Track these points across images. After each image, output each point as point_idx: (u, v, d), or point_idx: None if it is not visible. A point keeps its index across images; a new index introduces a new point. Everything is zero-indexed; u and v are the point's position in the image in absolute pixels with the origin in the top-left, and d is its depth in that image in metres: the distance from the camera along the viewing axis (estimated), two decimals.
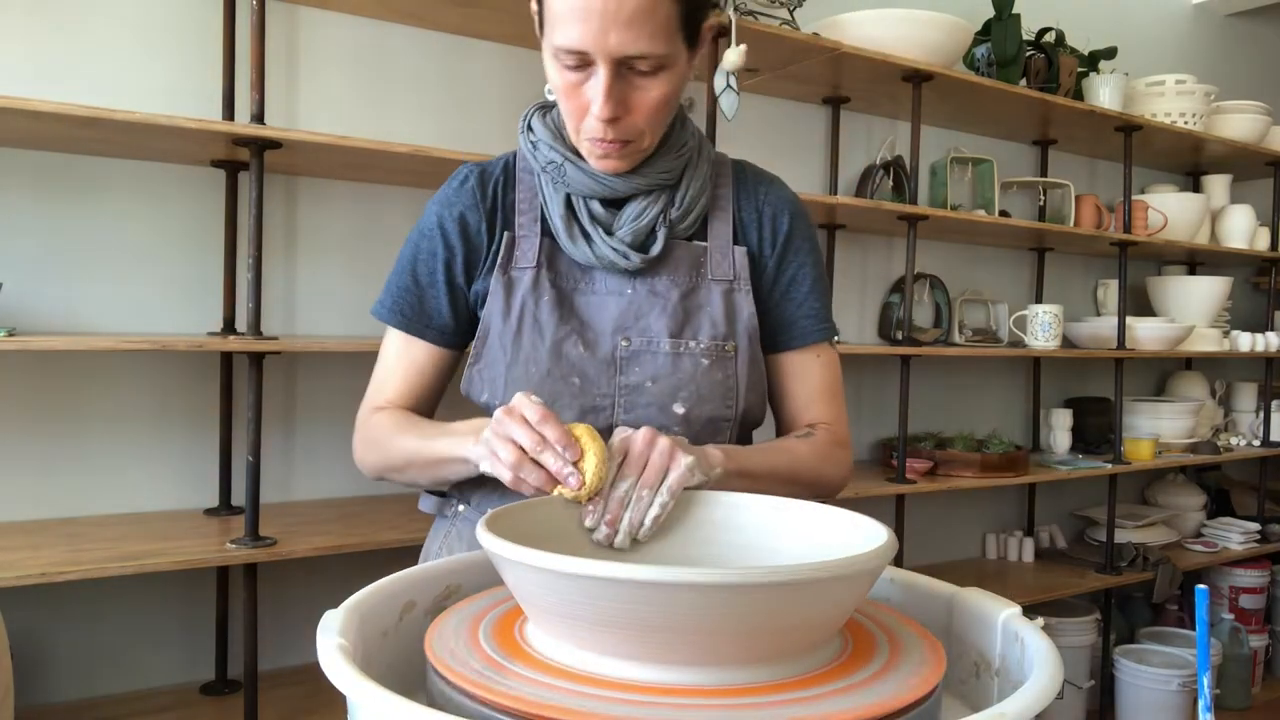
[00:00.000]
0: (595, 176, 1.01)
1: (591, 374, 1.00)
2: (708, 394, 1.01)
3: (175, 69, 1.76)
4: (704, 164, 1.07)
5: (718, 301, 1.04)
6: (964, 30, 2.35)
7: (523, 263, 1.02)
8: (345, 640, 0.61)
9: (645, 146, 0.98)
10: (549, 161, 1.02)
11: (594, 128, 0.94)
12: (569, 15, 0.88)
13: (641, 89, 0.93)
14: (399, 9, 1.89)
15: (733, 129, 2.17)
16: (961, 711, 0.71)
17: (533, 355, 1.00)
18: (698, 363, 1.01)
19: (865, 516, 0.73)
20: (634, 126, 0.95)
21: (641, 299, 1.02)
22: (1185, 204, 3.10)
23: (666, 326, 1.01)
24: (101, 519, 1.69)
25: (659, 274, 1.03)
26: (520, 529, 0.68)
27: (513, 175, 1.08)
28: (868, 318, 2.75)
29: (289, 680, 1.79)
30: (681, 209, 1.04)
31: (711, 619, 0.56)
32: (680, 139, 1.04)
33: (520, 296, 1.01)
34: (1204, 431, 3.23)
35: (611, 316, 1.02)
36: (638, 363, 1.01)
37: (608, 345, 1.01)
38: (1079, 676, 2.72)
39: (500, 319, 1.02)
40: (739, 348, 1.03)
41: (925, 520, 2.80)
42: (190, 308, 1.79)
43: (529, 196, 1.05)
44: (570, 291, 1.03)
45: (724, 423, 1.03)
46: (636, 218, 1.02)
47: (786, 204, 1.10)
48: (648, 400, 1.00)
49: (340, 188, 1.93)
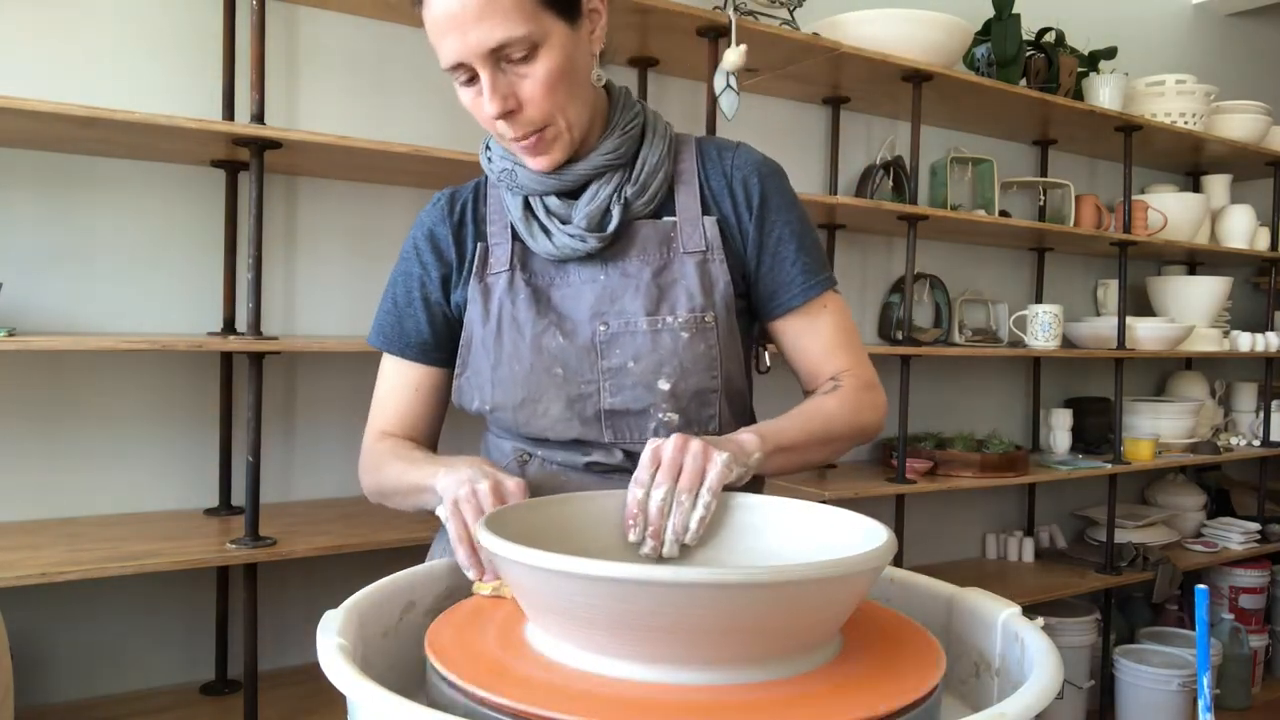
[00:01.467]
0: (542, 174, 1.02)
1: (573, 362, 1.01)
2: (691, 367, 1.00)
3: (175, 69, 1.76)
4: (659, 140, 1.06)
5: (692, 273, 1.03)
6: (964, 30, 2.35)
7: (496, 268, 1.05)
8: (345, 640, 0.61)
9: (565, 130, 0.98)
10: (502, 170, 1.04)
11: (502, 129, 0.96)
12: (436, 37, 0.92)
13: (524, 75, 0.93)
14: (399, 9, 1.89)
15: (733, 129, 2.17)
16: (961, 711, 0.71)
17: (514, 353, 1.01)
18: (677, 337, 1.00)
19: (865, 516, 0.73)
20: (536, 113, 0.95)
21: (615, 282, 1.02)
22: (1185, 204, 3.10)
23: (642, 305, 1.01)
24: (101, 519, 1.69)
25: (628, 256, 1.03)
26: (520, 529, 0.68)
27: (483, 192, 1.11)
28: (868, 318, 2.75)
29: (289, 680, 1.79)
30: (638, 185, 1.03)
31: (712, 619, 0.56)
32: (624, 119, 1.04)
33: (497, 299, 1.03)
34: (1204, 431, 3.23)
35: (587, 304, 1.02)
36: (617, 344, 1.00)
37: (586, 332, 1.01)
38: (1079, 676, 2.72)
39: (480, 324, 1.04)
40: (717, 318, 1.02)
41: (925, 520, 2.80)
42: (190, 308, 1.79)
43: (498, 208, 1.08)
44: (546, 288, 1.04)
45: (710, 394, 1.02)
46: (590, 200, 1.02)
47: (754, 166, 1.08)
48: (632, 381, 1.00)
49: (340, 188, 1.93)
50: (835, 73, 2.32)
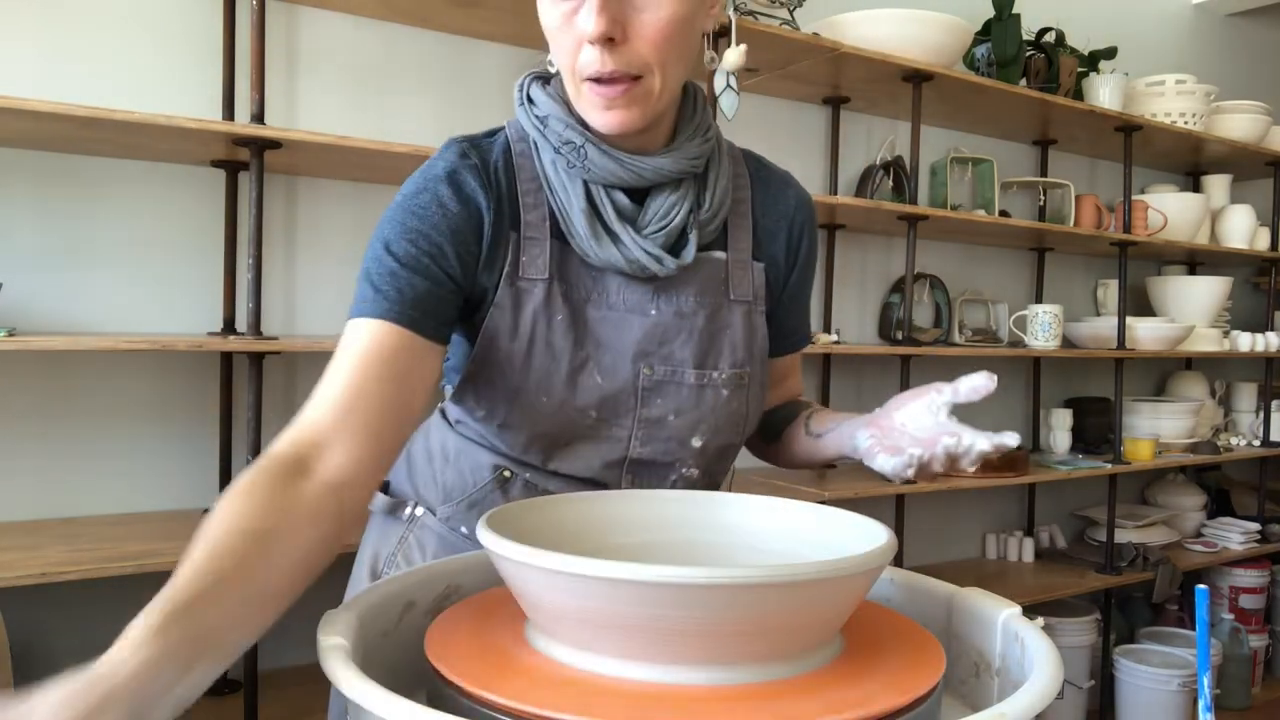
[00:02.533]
0: (620, 160, 0.85)
1: (609, 406, 0.88)
2: (724, 425, 0.92)
3: (175, 69, 1.76)
4: (725, 157, 0.94)
5: (739, 325, 0.92)
6: (964, 30, 2.36)
7: (532, 272, 0.86)
8: (345, 640, 0.61)
9: (655, 92, 0.82)
10: (565, 142, 0.85)
11: (589, 59, 0.79)
12: None
13: (642, 8, 0.78)
14: (399, 9, 1.89)
15: (733, 129, 2.16)
16: (961, 711, 0.71)
17: (544, 384, 0.86)
18: (719, 394, 0.91)
19: (865, 516, 0.73)
20: (637, 55, 0.79)
21: (667, 321, 0.89)
22: (1185, 204, 3.10)
23: (692, 354, 0.89)
24: (101, 519, 1.69)
25: (684, 291, 0.90)
26: (519, 529, 0.68)
27: (512, 160, 0.89)
28: (868, 318, 2.75)
29: (289, 680, 1.79)
30: (711, 208, 0.91)
31: (710, 619, 0.56)
32: (704, 121, 0.92)
33: (530, 313, 0.86)
34: (1204, 431, 3.23)
35: (633, 340, 0.88)
36: (660, 394, 0.89)
37: (627, 372, 0.88)
38: (1079, 676, 2.72)
39: (507, 337, 0.86)
40: (752, 375, 0.93)
41: (925, 520, 2.79)
42: (190, 308, 1.79)
43: (533, 189, 0.88)
44: (582, 303, 0.88)
45: (731, 449, 0.96)
46: (666, 214, 0.87)
47: (808, 209, 1.00)
48: (667, 435, 0.90)
49: (340, 188, 1.93)
50: (835, 73, 2.32)
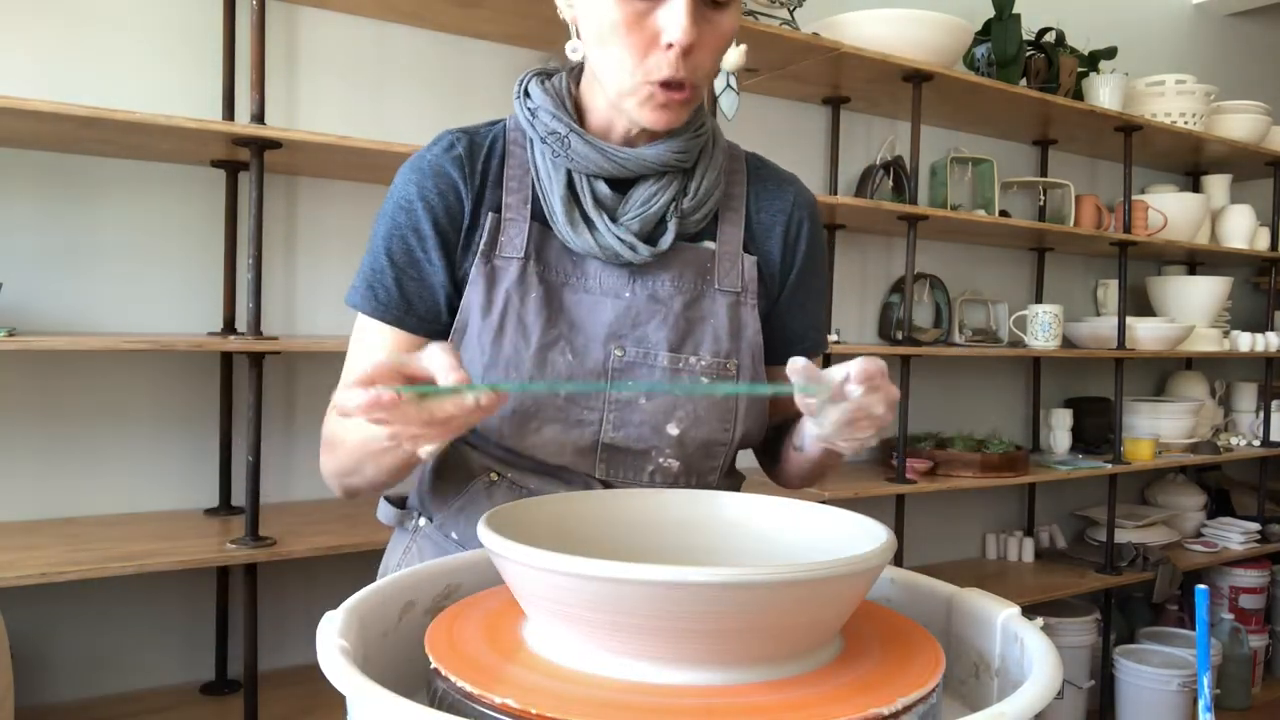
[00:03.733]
0: (604, 151, 0.90)
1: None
2: (705, 415, 0.92)
3: (175, 69, 1.76)
4: (718, 153, 0.97)
5: (722, 314, 0.93)
6: (964, 30, 2.36)
7: (508, 251, 0.90)
8: (345, 641, 0.61)
9: (701, 97, 0.88)
10: (550, 132, 0.90)
11: (665, 63, 0.82)
12: None
13: (713, 22, 0.83)
14: (399, 9, 1.89)
15: (733, 129, 2.16)
16: (961, 711, 0.71)
17: (514, 360, 0.89)
18: (697, 381, 0.91)
19: (865, 516, 0.73)
20: (700, 65, 0.84)
21: (641, 304, 0.91)
22: (1185, 204, 3.10)
23: (666, 338, 0.91)
24: (101, 519, 1.69)
25: (661, 276, 0.92)
26: (519, 528, 0.68)
27: (503, 148, 0.95)
28: (868, 318, 2.75)
29: (289, 680, 1.79)
30: (695, 199, 0.93)
31: (710, 619, 0.56)
32: (697, 117, 0.94)
33: (504, 291, 0.89)
34: (1204, 431, 3.23)
35: (605, 321, 0.91)
36: (631, 376, 0.90)
37: (599, 353, 0.90)
38: (1079, 676, 2.72)
39: (479, 314, 0.89)
40: (741, 366, 0.94)
41: (925, 520, 2.79)
42: (190, 308, 1.79)
43: (519, 174, 0.93)
44: (559, 286, 0.91)
45: (719, 447, 0.94)
46: (645, 203, 0.91)
47: (810, 209, 1.01)
48: (640, 419, 0.90)
49: (340, 187, 1.93)
50: (835, 73, 2.32)
